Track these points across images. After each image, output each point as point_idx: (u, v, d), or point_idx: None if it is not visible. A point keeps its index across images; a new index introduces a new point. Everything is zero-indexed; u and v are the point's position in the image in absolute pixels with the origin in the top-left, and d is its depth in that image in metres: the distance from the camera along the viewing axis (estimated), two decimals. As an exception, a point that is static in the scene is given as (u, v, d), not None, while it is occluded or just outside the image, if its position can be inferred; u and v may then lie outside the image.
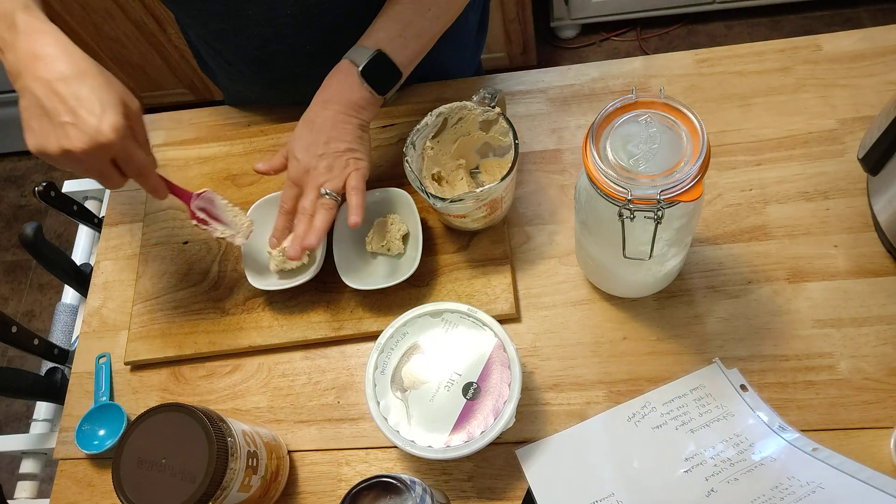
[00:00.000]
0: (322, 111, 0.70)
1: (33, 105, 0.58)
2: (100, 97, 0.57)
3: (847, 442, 0.63)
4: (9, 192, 2.23)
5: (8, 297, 2.03)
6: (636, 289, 0.71)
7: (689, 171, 0.51)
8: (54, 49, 0.58)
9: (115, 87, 0.60)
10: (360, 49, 0.70)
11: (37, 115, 0.58)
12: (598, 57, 2.07)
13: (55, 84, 0.57)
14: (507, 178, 0.68)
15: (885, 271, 0.69)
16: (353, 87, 0.69)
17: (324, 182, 0.69)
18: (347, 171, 0.70)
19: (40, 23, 0.59)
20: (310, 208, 0.69)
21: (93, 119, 0.57)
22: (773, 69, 0.82)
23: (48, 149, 0.58)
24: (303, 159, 0.69)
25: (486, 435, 0.60)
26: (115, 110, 0.58)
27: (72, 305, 1.02)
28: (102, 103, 0.57)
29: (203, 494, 0.55)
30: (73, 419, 0.76)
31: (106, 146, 0.57)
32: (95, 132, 0.57)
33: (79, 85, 0.57)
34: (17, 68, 0.58)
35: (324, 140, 0.69)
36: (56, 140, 0.57)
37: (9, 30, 0.59)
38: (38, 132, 0.58)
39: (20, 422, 1.83)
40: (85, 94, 0.57)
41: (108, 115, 0.57)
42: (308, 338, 0.76)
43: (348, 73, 0.69)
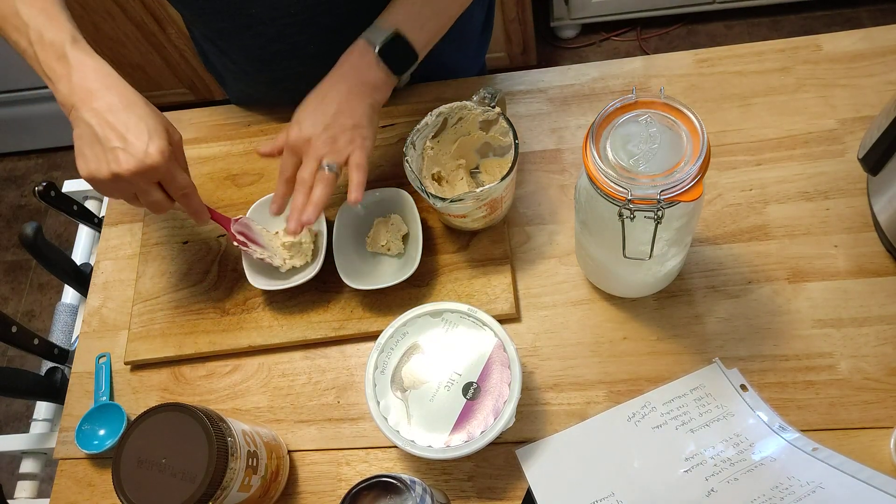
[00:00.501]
0: (335, 85, 0.69)
1: (87, 134, 0.62)
2: (147, 124, 0.62)
3: (847, 442, 0.63)
4: (9, 192, 2.23)
5: (8, 297, 2.03)
6: (636, 289, 0.71)
7: (689, 171, 0.51)
8: (105, 84, 0.63)
9: (159, 117, 0.65)
10: (377, 29, 0.69)
11: (89, 143, 0.62)
12: (598, 57, 2.07)
13: (106, 114, 0.62)
14: (507, 178, 0.68)
15: (885, 271, 0.69)
16: (370, 66, 0.69)
17: (325, 154, 0.68)
18: (351, 147, 0.68)
19: (90, 57, 0.64)
20: (308, 179, 0.68)
21: (140, 143, 0.61)
22: (773, 69, 0.82)
23: (99, 173, 0.62)
24: (306, 128, 0.68)
25: (486, 435, 0.60)
26: (161, 136, 0.63)
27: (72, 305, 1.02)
28: (149, 130, 0.62)
29: (203, 494, 0.55)
30: (73, 419, 0.76)
31: (152, 168, 0.62)
32: (143, 154, 0.61)
33: (127, 114, 0.62)
34: (70, 101, 0.63)
35: (332, 112, 0.68)
36: (106, 164, 0.61)
37: (59, 61, 0.63)
38: (89, 158, 0.62)
39: (20, 422, 1.83)
40: (133, 122, 0.62)
41: (155, 139, 0.62)
42: (308, 338, 0.76)
43: (364, 52, 0.69)
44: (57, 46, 0.63)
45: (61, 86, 0.63)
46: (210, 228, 0.84)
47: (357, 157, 0.68)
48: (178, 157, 0.67)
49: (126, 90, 0.64)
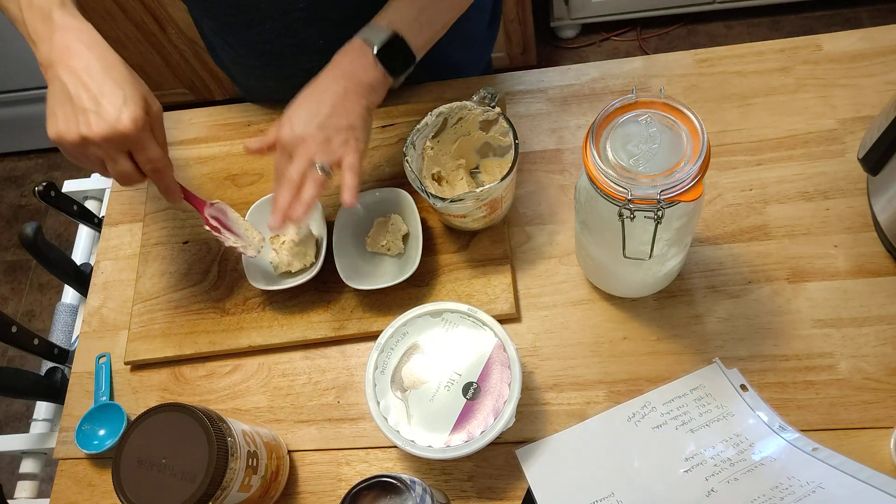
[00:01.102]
0: (331, 84, 0.68)
1: (60, 92, 0.60)
2: (123, 89, 0.60)
3: (847, 442, 0.63)
4: (9, 192, 2.23)
5: (8, 297, 2.03)
6: (636, 289, 0.71)
7: (689, 171, 0.51)
8: (86, 43, 0.61)
9: (138, 84, 0.62)
10: (375, 29, 0.68)
11: (60, 102, 0.60)
12: (598, 57, 2.07)
13: (82, 74, 0.59)
14: (507, 178, 0.68)
15: (885, 271, 0.69)
16: (367, 67, 0.67)
17: (317, 154, 0.66)
18: (345, 149, 0.67)
19: (75, 19, 0.62)
20: (297, 178, 0.67)
21: (112, 108, 0.59)
22: (773, 69, 0.82)
23: (68, 134, 0.60)
24: (299, 128, 0.67)
25: (486, 435, 0.60)
26: (136, 103, 0.60)
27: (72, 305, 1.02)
28: (125, 95, 0.60)
29: (203, 494, 0.55)
30: (73, 419, 0.76)
31: (123, 135, 0.60)
32: (115, 120, 0.59)
33: (104, 77, 0.60)
34: (49, 59, 0.61)
35: (326, 112, 0.67)
36: (76, 126, 0.59)
37: (44, 23, 0.61)
38: (59, 118, 0.60)
39: (20, 422, 1.83)
40: (109, 85, 0.60)
41: (129, 105, 0.60)
42: (308, 338, 0.76)
43: (362, 52, 0.67)
44: (45, 10, 0.62)
45: (42, 46, 0.61)
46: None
47: (351, 159, 0.67)
48: (156, 129, 0.64)
49: (107, 53, 0.61)
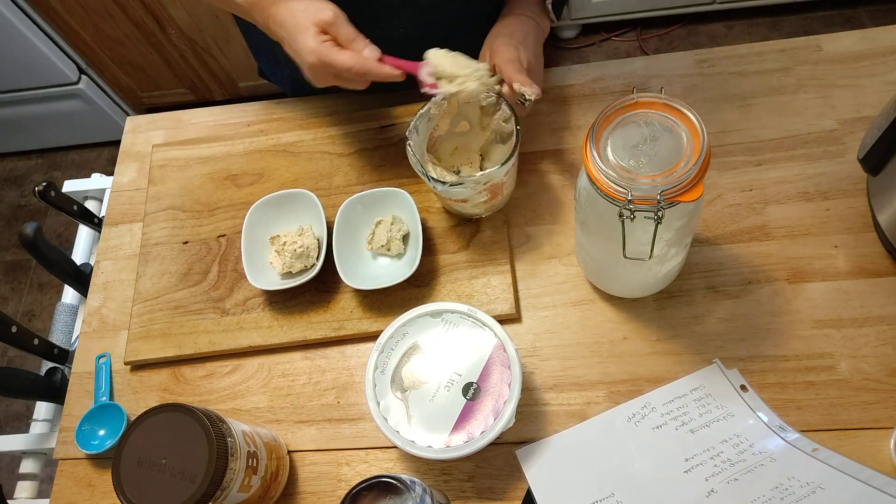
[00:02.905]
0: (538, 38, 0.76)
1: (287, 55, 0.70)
2: (294, 29, 0.67)
3: (847, 442, 0.63)
4: (9, 192, 2.23)
5: (8, 297, 2.03)
6: (636, 289, 0.71)
7: (689, 171, 0.51)
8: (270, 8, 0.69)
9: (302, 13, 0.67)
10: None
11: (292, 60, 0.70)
12: (598, 57, 2.07)
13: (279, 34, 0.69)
14: (508, 164, 0.68)
15: (885, 271, 0.69)
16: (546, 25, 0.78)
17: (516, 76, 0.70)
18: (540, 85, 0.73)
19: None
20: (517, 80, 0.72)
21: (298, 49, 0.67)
22: (773, 69, 0.82)
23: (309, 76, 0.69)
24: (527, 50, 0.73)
25: (486, 435, 0.60)
26: (307, 33, 0.66)
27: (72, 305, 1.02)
28: (297, 33, 0.67)
29: (203, 494, 0.55)
30: (73, 419, 0.76)
31: (314, 66, 0.67)
32: (302, 60, 0.67)
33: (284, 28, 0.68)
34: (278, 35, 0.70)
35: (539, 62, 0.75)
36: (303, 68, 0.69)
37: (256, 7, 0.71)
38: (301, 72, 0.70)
39: (20, 422, 1.83)
40: (288, 32, 0.68)
41: (303, 42, 0.66)
42: (308, 338, 0.76)
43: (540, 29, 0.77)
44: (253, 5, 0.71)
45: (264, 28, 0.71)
46: (210, 228, 0.84)
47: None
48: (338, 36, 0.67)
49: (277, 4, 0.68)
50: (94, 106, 2.03)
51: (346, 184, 0.84)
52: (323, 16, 0.67)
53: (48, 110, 2.06)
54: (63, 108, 2.04)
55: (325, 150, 0.87)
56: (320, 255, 0.76)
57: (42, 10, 1.77)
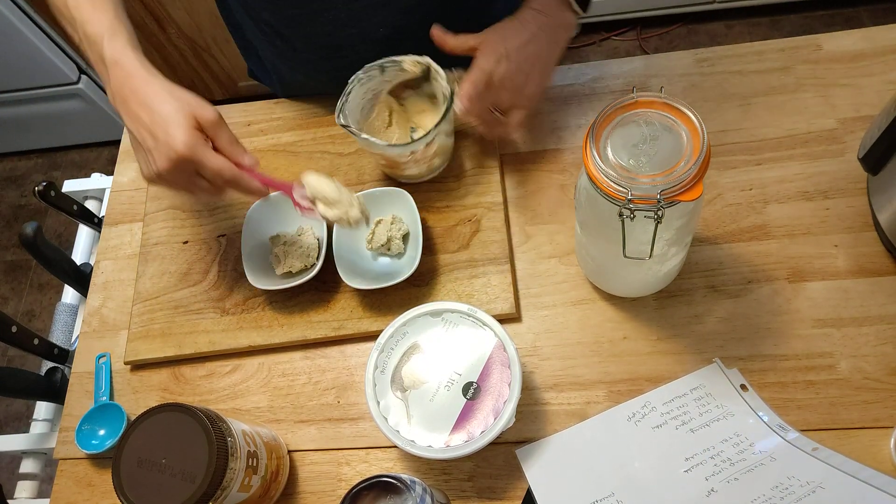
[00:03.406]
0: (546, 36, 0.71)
1: (133, 140, 0.64)
2: (165, 117, 0.60)
3: (847, 442, 0.63)
4: (9, 192, 2.23)
5: (8, 297, 2.03)
6: (636, 288, 0.71)
7: (689, 170, 0.51)
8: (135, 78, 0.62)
9: (182, 103, 0.62)
10: None
11: (137, 148, 0.64)
12: (598, 57, 2.07)
13: (140, 113, 0.61)
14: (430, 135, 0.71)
15: (885, 271, 0.69)
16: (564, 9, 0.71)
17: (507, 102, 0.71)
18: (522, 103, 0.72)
19: (118, 52, 0.63)
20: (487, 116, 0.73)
21: (164, 138, 0.60)
22: (773, 69, 0.82)
23: (149, 177, 0.63)
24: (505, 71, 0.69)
25: (486, 435, 0.60)
26: (181, 125, 0.60)
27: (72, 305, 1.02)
28: (168, 122, 0.60)
29: (203, 494, 0.55)
30: (73, 419, 0.76)
31: (183, 159, 0.60)
32: (169, 150, 0.60)
33: (151, 110, 0.61)
34: (115, 104, 0.63)
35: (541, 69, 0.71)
36: (147, 167, 0.62)
37: (100, 63, 0.63)
38: (142, 164, 0.64)
39: (20, 422, 1.83)
40: (155, 118, 0.60)
41: (172, 131, 0.60)
42: (308, 338, 0.76)
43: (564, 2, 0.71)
44: (97, 46, 0.63)
45: (107, 88, 0.64)
46: (210, 228, 0.84)
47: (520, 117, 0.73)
48: (216, 137, 0.63)
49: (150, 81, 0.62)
50: (94, 106, 2.03)
51: (346, 184, 0.84)
52: (205, 112, 0.62)
53: (48, 110, 2.06)
54: (63, 108, 2.04)
55: (325, 150, 0.87)
56: (320, 255, 0.76)
57: (42, 10, 1.77)
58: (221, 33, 1.84)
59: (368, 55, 0.77)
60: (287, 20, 0.80)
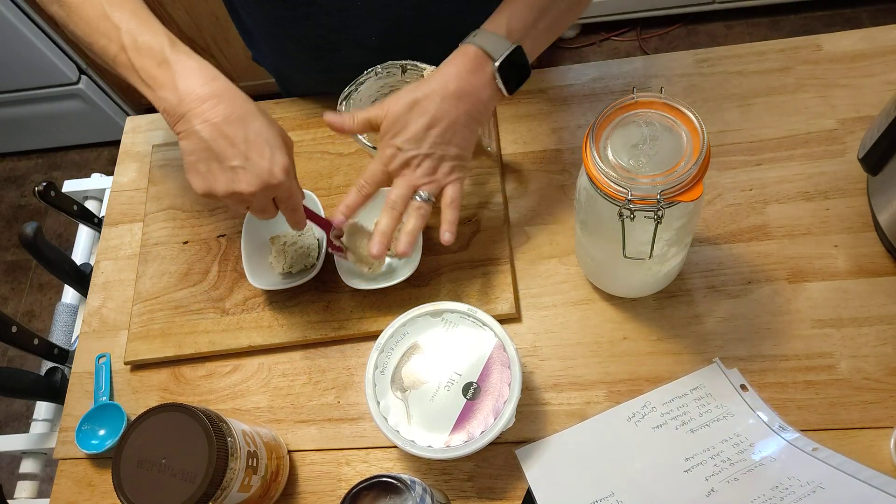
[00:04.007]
0: (442, 104, 0.62)
1: (200, 149, 0.58)
2: (266, 139, 0.58)
3: (847, 442, 0.63)
4: (9, 192, 2.23)
5: (8, 297, 2.03)
6: (636, 289, 0.71)
7: (689, 170, 0.51)
8: (214, 89, 0.58)
9: (276, 128, 0.60)
10: (495, 38, 0.62)
11: (204, 158, 0.58)
12: (598, 57, 2.07)
13: (222, 127, 0.57)
14: None
15: (885, 271, 0.69)
16: (485, 83, 0.62)
17: (423, 185, 0.63)
18: (449, 179, 0.64)
19: (192, 59, 0.59)
20: (400, 205, 0.64)
21: (264, 162, 0.58)
22: (773, 69, 0.82)
23: (217, 191, 0.59)
24: (406, 151, 0.63)
25: (486, 435, 0.60)
26: (282, 151, 0.59)
27: (72, 305, 1.02)
28: (270, 145, 0.58)
29: (203, 494, 0.55)
30: (73, 419, 0.76)
31: (276, 187, 0.59)
32: (267, 175, 0.58)
33: (245, 128, 0.58)
34: (178, 111, 0.58)
35: (437, 137, 0.62)
36: (226, 183, 0.58)
37: (160, 67, 0.58)
38: (205, 175, 0.59)
39: (20, 422, 1.83)
40: (252, 136, 0.58)
41: (277, 156, 0.59)
42: (308, 338, 0.76)
43: (480, 64, 0.62)
44: (156, 51, 0.58)
45: (166, 94, 0.58)
46: (210, 228, 0.84)
47: (452, 192, 0.64)
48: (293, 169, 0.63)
49: (238, 98, 0.59)
50: (94, 106, 2.03)
51: (346, 184, 0.84)
52: (289, 142, 0.62)
53: (48, 110, 2.06)
54: (63, 108, 2.04)
55: (325, 150, 0.87)
56: (320, 255, 0.76)
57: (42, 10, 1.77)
58: (221, 33, 1.84)
59: (360, 60, 0.76)
60: (278, 21, 0.80)
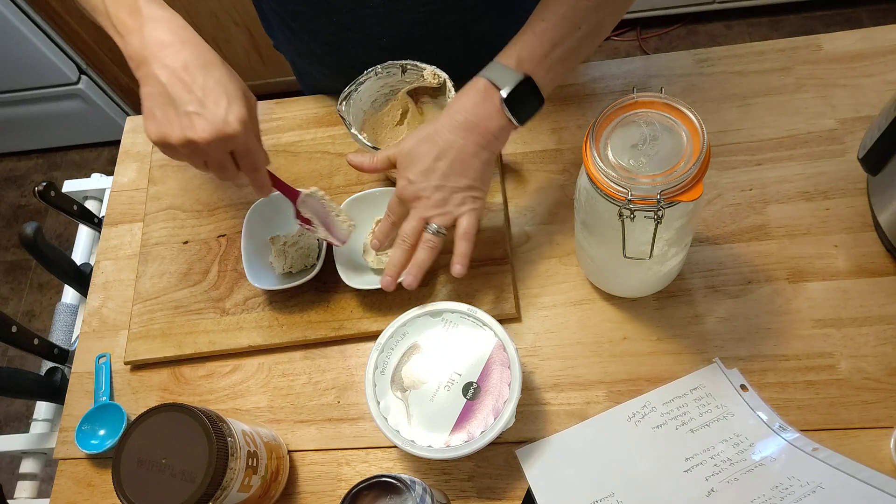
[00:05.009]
0: (450, 136, 0.62)
1: (157, 93, 0.57)
2: (225, 88, 0.57)
3: (847, 442, 0.63)
4: (9, 192, 2.23)
5: (8, 297, 2.03)
6: (636, 289, 0.71)
7: (689, 170, 0.51)
8: (180, 38, 0.57)
9: (237, 80, 0.60)
10: (503, 69, 0.62)
11: (160, 103, 0.57)
12: (597, 57, 2.07)
13: (181, 72, 0.56)
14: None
15: (885, 271, 0.69)
16: (492, 114, 0.62)
17: (433, 217, 0.64)
18: (462, 210, 0.64)
19: (163, 9, 0.59)
20: (411, 237, 0.65)
21: (219, 110, 0.56)
22: (773, 69, 0.82)
23: (170, 137, 0.57)
24: (416, 184, 0.63)
25: (486, 435, 0.60)
26: (240, 102, 0.58)
27: (72, 305, 1.02)
28: (228, 95, 0.57)
29: (203, 494, 0.55)
30: (73, 419, 0.76)
31: (231, 137, 0.57)
32: (222, 123, 0.56)
33: (205, 75, 0.57)
34: (141, 55, 0.57)
35: (445, 170, 0.62)
36: (180, 129, 0.57)
37: (131, 14, 0.58)
38: (160, 120, 0.57)
39: (20, 422, 1.83)
40: (210, 84, 0.57)
41: (234, 106, 0.57)
42: (308, 338, 0.76)
43: (488, 96, 0.62)
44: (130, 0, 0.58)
45: (132, 38, 0.58)
46: (210, 228, 0.84)
47: (466, 223, 0.64)
48: (253, 125, 0.61)
49: (201, 47, 0.58)
50: (94, 106, 2.03)
51: (346, 184, 0.84)
52: (252, 98, 0.61)
53: (48, 110, 2.06)
54: (63, 108, 2.04)
55: (325, 150, 0.87)
56: (320, 255, 0.76)
57: (42, 10, 1.77)
58: (221, 33, 1.84)
59: (371, 58, 0.77)
60: (292, 15, 0.81)
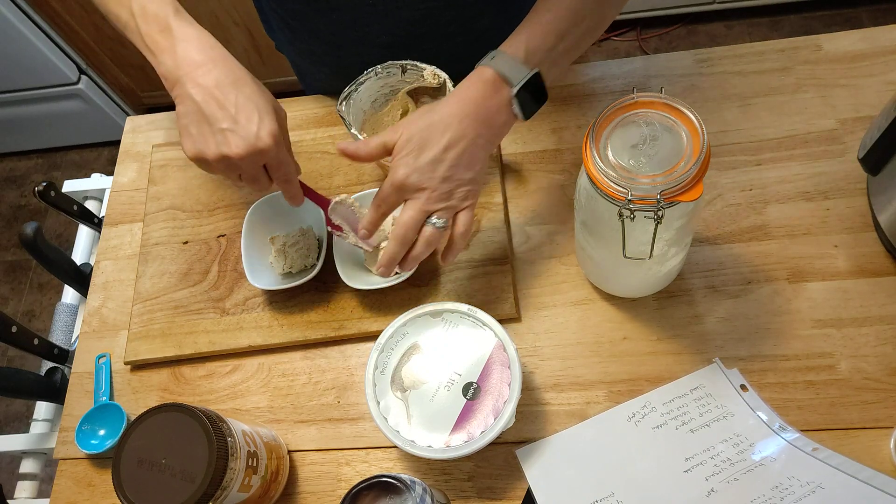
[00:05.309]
0: (460, 126, 0.60)
1: (193, 112, 0.59)
2: (256, 104, 0.59)
3: (847, 442, 0.63)
4: (9, 192, 2.23)
5: (8, 297, 2.03)
6: (636, 289, 0.71)
7: (689, 170, 0.51)
8: (210, 55, 0.60)
9: (267, 95, 0.62)
10: (512, 62, 0.60)
11: (196, 121, 0.59)
12: (598, 57, 2.07)
13: (213, 91, 0.59)
14: None
15: (885, 271, 0.69)
16: (501, 107, 0.61)
17: (438, 210, 0.62)
18: (464, 205, 0.63)
19: (193, 28, 0.61)
20: (411, 233, 0.62)
21: (252, 126, 0.59)
22: (773, 69, 0.82)
23: (206, 154, 0.59)
24: (423, 173, 0.60)
25: (486, 435, 0.60)
26: (271, 117, 0.60)
27: (72, 305, 1.02)
28: (259, 110, 0.59)
29: (203, 494, 0.55)
30: (73, 419, 0.76)
31: (263, 152, 0.59)
32: (254, 138, 0.59)
33: (236, 92, 0.59)
34: (175, 75, 0.60)
35: (453, 161, 0.60)
36: (215, 146, 0.59)
37: (162, 33, 0.61)
38: (196, 138, 0.60)
39: (20, 422, 1.83)
40: (242, 100, 0.59)
41: (266, 121, 0.59)
42: (308, 338, 0.76)
43: (497, 89, 0.60)
44: (160, 18, 0.61)
45: (165, 58, 0.61)
46: (210, 228, 0.84)
47: (465, 220, 0.63)
48: (284, 138, 0.63)
49: (231, 64, 0.61)
50: (94, 106, 2.03)
51: (346, 184, 0.84)
52: (282, 111, 0.63)
53: (48, 110, 2.06)
54: (63, 108, 2.04)
55: (325, 150, 0.87)
56: (320, 255, 0.76)
57: (42, 10, 1.77)
58: (221, 33, 1.83)
59: (371, 57, 0.77)
60: (292, 13, 0.81)
